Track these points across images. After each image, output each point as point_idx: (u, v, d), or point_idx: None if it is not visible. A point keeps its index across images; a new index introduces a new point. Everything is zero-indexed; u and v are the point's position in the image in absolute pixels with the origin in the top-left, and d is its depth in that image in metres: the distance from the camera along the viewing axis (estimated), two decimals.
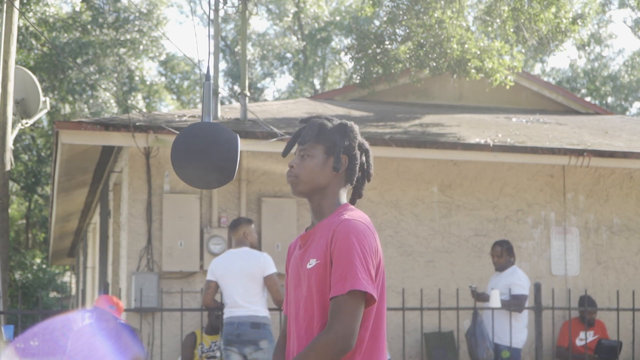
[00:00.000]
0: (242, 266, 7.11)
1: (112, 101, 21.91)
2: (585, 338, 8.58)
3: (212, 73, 3.31)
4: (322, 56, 29.87)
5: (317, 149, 2.92)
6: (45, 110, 10.24)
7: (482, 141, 9.13)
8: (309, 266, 2.82)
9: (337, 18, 29.17)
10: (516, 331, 7.96)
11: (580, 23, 11.21)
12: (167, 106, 31.11)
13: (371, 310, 2.79)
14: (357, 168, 2.96)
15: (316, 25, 29.12)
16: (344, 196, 2.96)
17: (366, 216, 2.90)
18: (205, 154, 2.99)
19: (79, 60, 20.76)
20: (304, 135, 2.94)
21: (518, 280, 8.06)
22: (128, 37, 22.33)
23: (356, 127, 2.99)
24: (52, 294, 24.36)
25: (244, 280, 7.10)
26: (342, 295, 2.70)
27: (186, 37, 63.36)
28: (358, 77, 11.35)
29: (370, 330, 2.79)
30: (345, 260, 2.73)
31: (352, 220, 2.80)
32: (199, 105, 29.28)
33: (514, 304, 7.92)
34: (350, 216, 2.83)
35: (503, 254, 8.19)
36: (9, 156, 8.90)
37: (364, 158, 3.00)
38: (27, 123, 10.10)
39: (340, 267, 2.73)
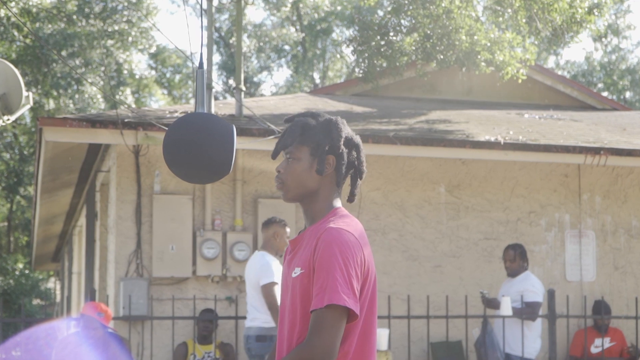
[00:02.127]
0: (249, 272, 7.12)
1: (99, 96, 21.91)
2: (601, 345, 8.59)
3: (205, 64, 3.29)
4: (323, 48, 29.88)
5: (302, 150, 2.89)
6: (28, 106, 10.22)
7: (493, 139, 9.13)
8: (293, 275, 2.83)
9: (338, 8, 29.18)
10: (529, 341, 7.97)
11: (596, 13, 11.21)
12: (158, 101, 31.12)
13: (355, 326, 2.77)
14: (345, 167, 2.92)
15: (316, 15, 29.13)
16: (337, 199, 2.93)
17: (357, 223, 2.87)
18: (199, 147, 2.96)
19: (63, 53, 20.76)
20: (286, 136, 2.91)
21: (531, 286, 8.06)
22: (116, 28, 22.33)
23: (342, 122, 2.93)
24: (36, 301, 24.36)
25: (250, 288, 7.10)
26: (321, 309, 2.69)
27: (178, 28, 63.36)
28: (360, 71, 11.35)
29: (355, 346, 2.78)
30: (326, 272, 2.72)
31: (336, 229, 2.78)
32: (192, 101, 29.27)
33: (526, 311, 7.92)
34: (337, 224, 2.80)
35: (516, 259, 8.20)
36: None
37: (354, 154, 2.95)
38: (8, 119, 10.09)
39: (321, 279, 2.72)
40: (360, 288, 2.78)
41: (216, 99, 25.04)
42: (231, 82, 28.09)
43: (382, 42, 10.92)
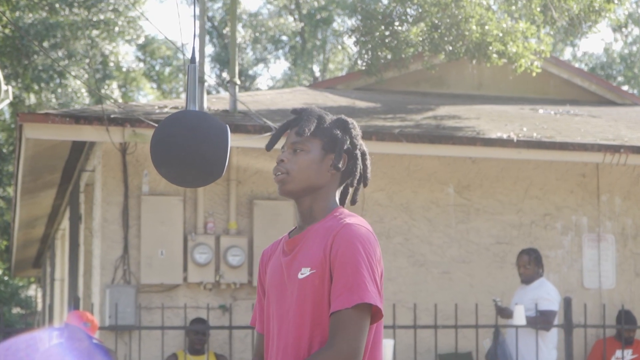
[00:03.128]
0: None
1: (83, 90, 21.91)
2: (622, 357, 8.59)
3: (197, 56, 3.28)
4: (323, 39, 29.88)
5: (313, 143, 2.92)
6: (8, 101, 10.24)
7: (505, 136, 9.13)
8: (300, 276, 2.81)
9: None
10: (543, 352, 7.97)
11: (616, 1, 11.21)
12: (146, 96, 31.13)
13: (372, 328, 2.79)
14: (359, 169, 2.97)
15: (316, 3, 29.13)
16: (337, 199, 2.97)
17: (366, 222, 2.91)
18: (190, 148, 2.95)
19: (45, 44, 20.76)
20: (301, 126, 2.92)
21: (546, 294, 8.07)
22: (102, 17, 22.33)
23: (357, 125, 3.01)
24: (16, 310, 24.36)
25: None
26: (347, 310, 2.70)
27: (168, 17, 63.42)
28: (363, 63, 11.35)
29: (369, 352, 2.80)
30: (351, 270, 2.73)
31: (355, 225, 2.81)
32: (183, 95, 29.31)
33: (541, 320, 7.92)
34: (352, 221, 2.84)
35: (531, 264, 8.21)
36: None
37: (361, 161, 3.02)
38: None
39: (345, 277, 2.73)
40: None
41: (209, 93, 25.04)
42: (225, 75, 28.11)
43: (387, 33, 10.92)
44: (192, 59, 3.13)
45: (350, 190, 3.03)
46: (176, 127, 2.98)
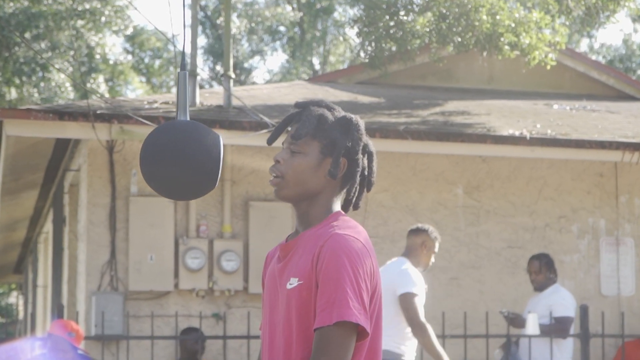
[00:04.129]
0: (384, 280, 6.82)
1: (67, 84, 21.93)
2: None
3: (188, 52, 3.26)
4: (323, 30, 29.88)
5: (311, 145, 2.89)
6: None
7: (517, 133, 9.13)
8: (289, 286, 2.81)
9: None
10: None
11: None
12: (135, 90, 31.14)
13: (363, 344, 2.78)
14: (358, 175, 2.93)
15: None
16: (337, 203, 2.94)
17: (363, 230, 2.88)
18: (180, 161, 2.95)
19: (27, 35, 20.76)
20: (299, 127, 2.90)
21: (561, 299, 8.06)
22: (87, 6, 22.34)
23: (362, 124, 2.95)
24: None
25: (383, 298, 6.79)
26: (329, 327, 2.70)
27: (158, 6, 63.41)
28: (366, 56, 11.35)
29: None
30: (334, 285, 2.72)
31: (343, 236, 2.78)
32: (174, 90, 29.31)
33: (556, 328, 7.92)
34: (343, 230, 2.81)
35: (542, 270, 8.20)
36: None
37: (365, 162, 2.97)
38: None
39: (328, 292, 2.72)
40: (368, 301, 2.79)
41: (201, 87, 25.03)
42: (218, 68, 28.12)
43: (392, 23, 10.92)
44: (183, 65, 3.10)
45: (355, 192, 2.99)
46: (166, 138, 2.96)
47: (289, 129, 2.99)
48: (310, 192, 2.89)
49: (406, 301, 6.54)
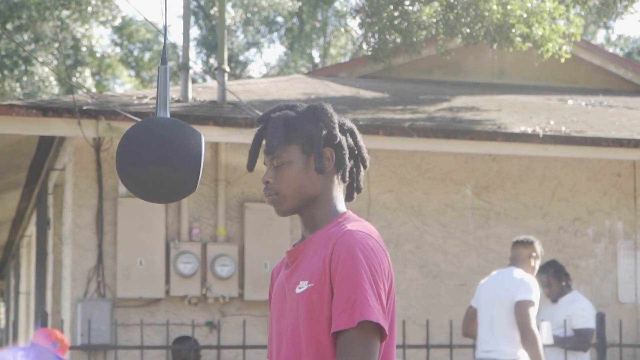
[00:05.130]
0: (497, 287, 7.12)
1: (52, 78, 21.93)
2: None
3: (180, 44, 3.26)
4: (323, 21, 29.89)
5: (291, 151, 2.89)
6: None
7: (529, 130, 9.13)
8: (298, 290, 2.81)
9: None
10: None
11: None
12: (123, 85, 31.15)
13: (379, 348, 2.78)
14: (347, 157, 2.94)
15: None
16: (341, 199, 2.95)
17: (374, 228, 2.89)
18: (159, 161, 2.95)
19: (9, 26, 20.77)
20: (270, 140, 2.91)
21: (581, 309, 8.03)
22: None
23: (329, 107, 2.95)
24: None
25: (493, 308, 7.09)
26: (352, 330, 2.69)
27: None
28: (369, 48, 11.35)
29: None
30: (353, 283, 2.72)
31: (357, 232, 2.79)
32: None
33: (576, 340, 7.89)
34: (355, 227, 2.82)
35: (551, 283, 8.13)
36: None
37: (350, 139, 2.97)
38: None
39: (346, 291, 2.72)
40: None
41: (194, 81, 25.04)
42: (212, 61, 28.12)
43: (396, 13, 10.92)
44: (163, 59, 3.11)
45: (354, 175, 2.98)
46: (143, 137, 2.96)
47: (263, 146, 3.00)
48: (310, 195, 2.91)
49: (522, 307, 6.92)
